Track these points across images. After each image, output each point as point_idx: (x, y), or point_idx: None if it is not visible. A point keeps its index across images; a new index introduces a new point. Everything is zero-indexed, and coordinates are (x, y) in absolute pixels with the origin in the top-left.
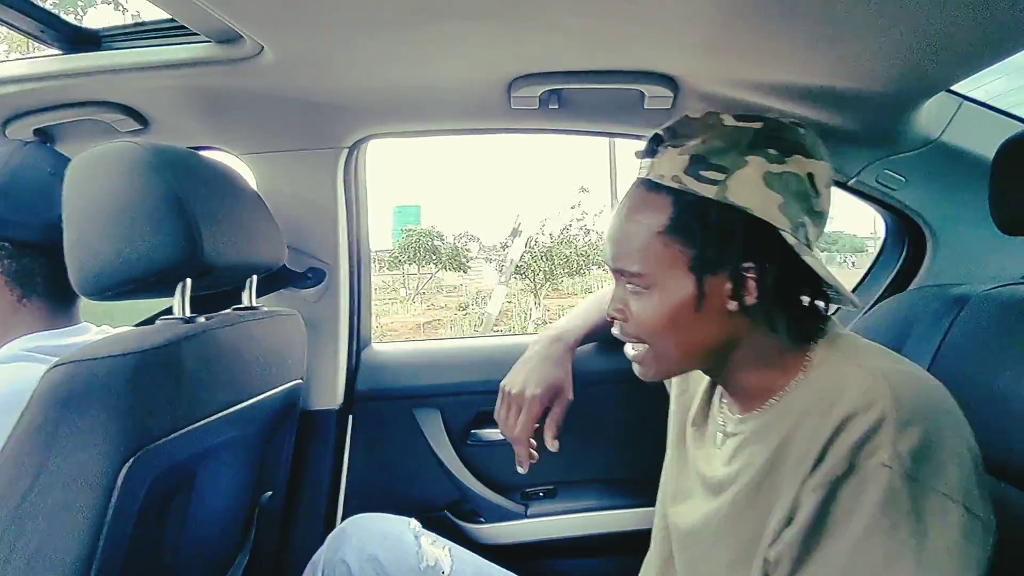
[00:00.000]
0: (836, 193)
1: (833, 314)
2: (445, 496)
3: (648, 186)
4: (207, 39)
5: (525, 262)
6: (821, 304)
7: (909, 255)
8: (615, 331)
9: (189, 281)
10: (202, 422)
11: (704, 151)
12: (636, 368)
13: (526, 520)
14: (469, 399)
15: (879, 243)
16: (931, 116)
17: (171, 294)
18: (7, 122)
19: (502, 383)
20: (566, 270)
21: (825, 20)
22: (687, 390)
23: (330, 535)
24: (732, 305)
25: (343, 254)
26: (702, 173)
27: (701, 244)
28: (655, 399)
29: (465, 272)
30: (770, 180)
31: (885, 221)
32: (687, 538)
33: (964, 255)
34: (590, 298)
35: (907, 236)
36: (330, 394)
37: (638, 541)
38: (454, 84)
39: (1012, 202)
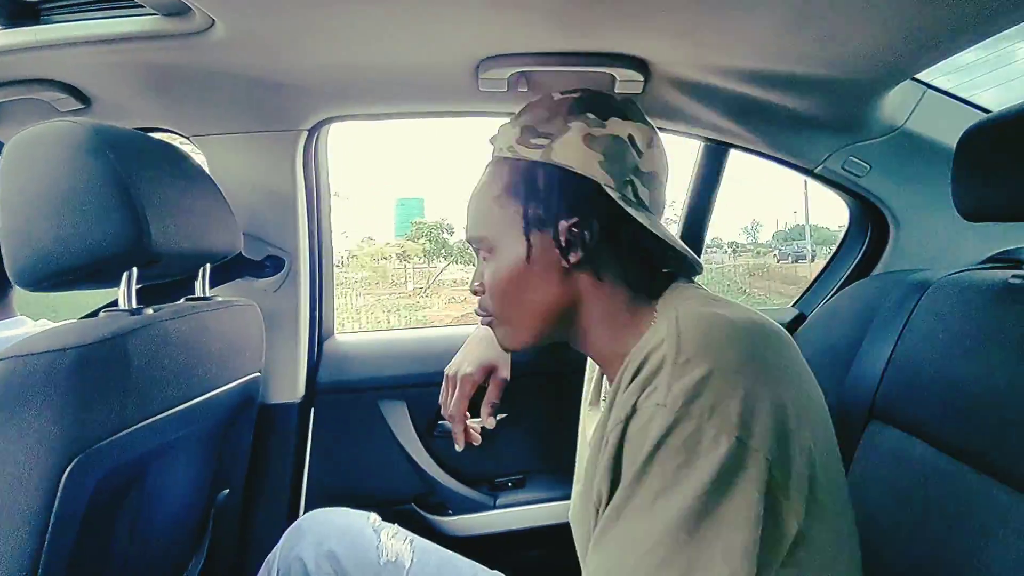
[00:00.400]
0: (804, 185)
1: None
2: (411, 489)
3: (493, 161)
4: (154, 11)
5: None
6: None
7: (872, 242)
8: (477, 308)
9: (136, 270)
10: (152, 419)
11: (532, 121)
12: (497, 340)
13: (495, 511)
14: (436, 390)
15: None
16: (896, 104)
17: (116, 285)
18: None
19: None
20: None
21: (795, 6)
22: (592, 375)
23: (286, 532)
24: (564, 262)
25: (303, 242)
26: (531, 140)
27: (527, 202)
28: None
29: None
30: (590, 141)
31: (849, 208)
32: (572, 520)
33: (925, 241)
34: None
35: (870, 223)
36: (290, 387)
37: None
38: (420, 64)
39: (974, 189)
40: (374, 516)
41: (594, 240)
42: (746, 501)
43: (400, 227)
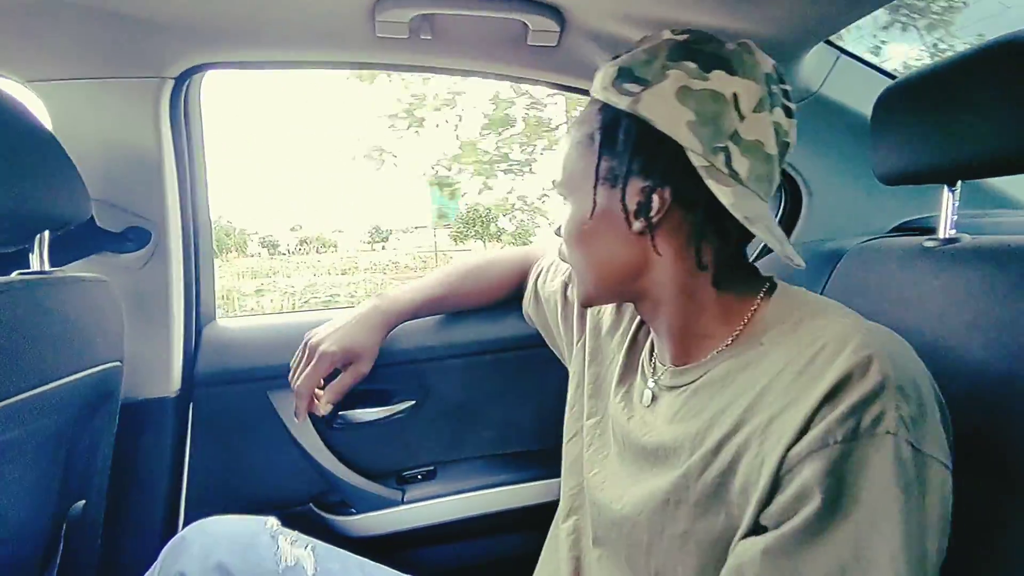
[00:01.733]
0: None
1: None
2: (309, 488)
3: (590, 103)
4: None
5: None
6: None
7: (786, 212)
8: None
9: None
10: None
11: (630, 63)
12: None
13: (403, 507)
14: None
15: None
16: (811, 68)
17: None
18: None
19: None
20: None
21: None
22: (599, 354)
23: (166, 546)
24: (634, 225)
25: (173, 211)
26: (624, 85)
27: (608, 155)
28: (540, 369)
29: None
30: (684, 95)
31: None
32: (625, 523)
33: (837, 210)
34: (445, 269)
35: (785, 193)
36: (164, 379)
37: (524, 518)
38: (306, 3)
39: (892, 153)
40: (272, 521)
41: (663, 209)
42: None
43: (438, 211)
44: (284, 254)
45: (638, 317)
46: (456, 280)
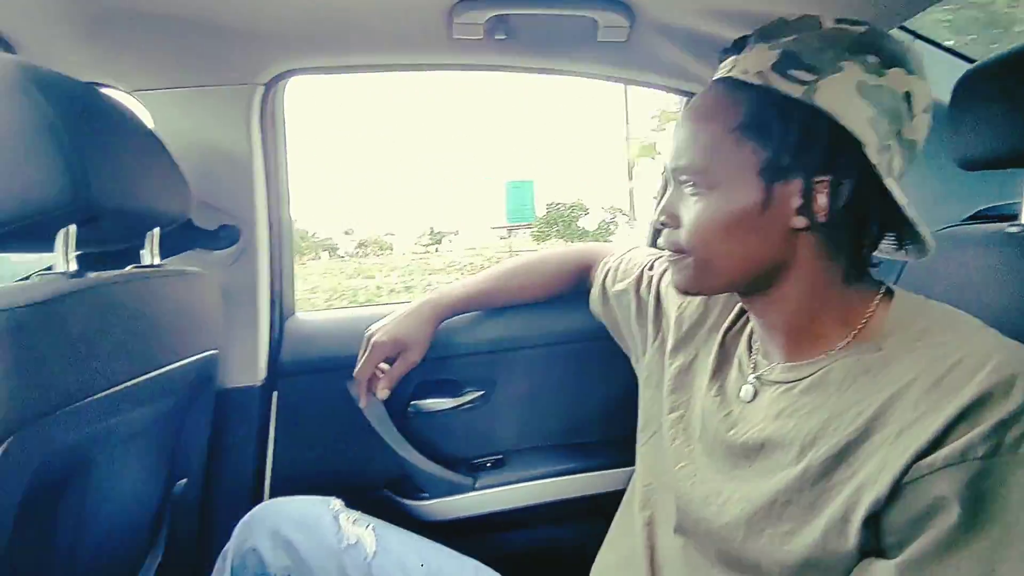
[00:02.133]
0: None
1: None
2: (385, 473)
3: (726, 85)
4: None
5: None
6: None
7: None
8: (660, 240)
9: (73, 228)
10: (96, 397)
11: (797, 49)
12: (673, 278)
13: (474, 493)
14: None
15: None
16: None
17: (50, 248)
18: None
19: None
20: None
21: None
22: (683, 347)
23: (239, 524)
24: (798, 221)
25: (261, 210)
26: (790, 72)
27: (776, 146)
28: (607, 361)
29: None
30: (865, 90)
31: None
32: (719, 518)
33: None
34: (499, 265)
35: None
36: (250, 369)
37: (591, 506)
38: (387, 9)
39: (971, 136)
40: (336, 502)
41: (839, 205)
42: None
43: (514, 212)
44: (342, 257)
45: (734, 309)
46: (506, 276)
